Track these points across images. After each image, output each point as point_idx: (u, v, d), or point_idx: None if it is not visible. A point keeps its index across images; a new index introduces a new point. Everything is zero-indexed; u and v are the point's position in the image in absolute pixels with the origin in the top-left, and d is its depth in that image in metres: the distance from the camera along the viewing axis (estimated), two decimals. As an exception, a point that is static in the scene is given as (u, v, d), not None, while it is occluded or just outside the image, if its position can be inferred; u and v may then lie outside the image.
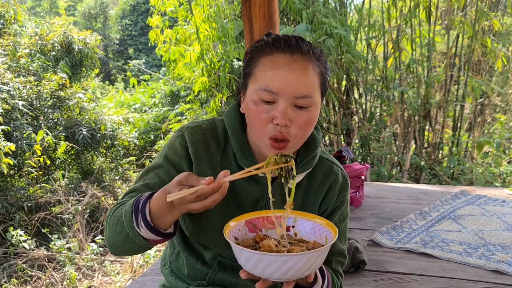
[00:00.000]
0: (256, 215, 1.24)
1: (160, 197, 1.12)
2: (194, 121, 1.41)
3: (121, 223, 1.19)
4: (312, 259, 1.02)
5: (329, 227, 1.19)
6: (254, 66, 1.23)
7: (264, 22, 3.09)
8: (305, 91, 1.18)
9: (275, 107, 1.18)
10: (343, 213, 1.44)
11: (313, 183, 1.39)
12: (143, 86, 11.77)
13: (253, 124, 1.23)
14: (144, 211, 1.14)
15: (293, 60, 1.18)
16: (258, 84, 1.20)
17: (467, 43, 6.31)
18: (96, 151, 6.97)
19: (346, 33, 6.12)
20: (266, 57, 1.21)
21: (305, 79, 1.19)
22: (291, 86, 1.17)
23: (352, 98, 6.83)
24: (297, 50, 1.20)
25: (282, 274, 1.02)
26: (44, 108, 6.46)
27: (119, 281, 4.69)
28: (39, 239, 5.25)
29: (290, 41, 1.21)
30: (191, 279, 1.44)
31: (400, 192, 3.92)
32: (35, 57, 6.96)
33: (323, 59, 1.26)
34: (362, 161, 6.58)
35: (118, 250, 1.25)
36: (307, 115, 1.21)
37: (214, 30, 6.80)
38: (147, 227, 1.14)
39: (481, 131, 6.75)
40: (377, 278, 2.38)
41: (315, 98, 1.22)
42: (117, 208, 1.27)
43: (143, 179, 1.33)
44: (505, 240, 2.76)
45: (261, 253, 1.01)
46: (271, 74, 1.18)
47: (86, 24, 20.04)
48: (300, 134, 1.22)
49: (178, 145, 1.33)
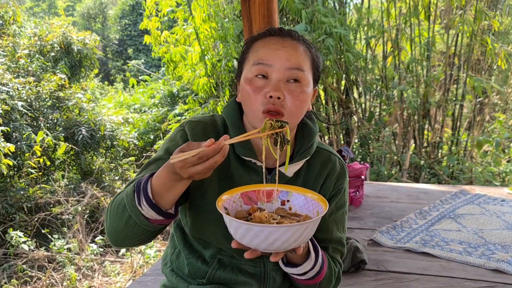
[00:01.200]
0: (252, 188, 1.27)
1: (162, 172, 1.14)
2: (194, 116, 1.44)
3: (123, 205, 1.20)
4: (299, 231, 1.04)
5: (320, 202, 1.21)
6: (247, 52, 1.32)
7: (264, 22, 3.09)
8: (296, 63, 1.25)
9: (268, 82, 1.24)
10: (340, 201, 1.46)
11: (311, 173, 1.41)
12: (142, 86, 11.77)
13: (247, 102, 1.27)
14: (146, 187, 1.15)
15: (283, 40, 1.28)
16: (251, 61, 1.27)
17: (467, 42, 6.32)
18: (96, 151, 6.97)
19: (346, 33, 6.12)
20: (259, 41, 1.30)
21: (295, 53, 1.26)
22: (283, 58, 1.24)
23: (351, 97, 6.83)
24: (287, 36, 1.29)
25: (269, 245, 1.05)
26: (44, 108, 6.46)
27: (119, 282, 4.69)
28: (39, 240, 5.25)
29: (281, 29, 1.31)
30: (192, 278, 1.45)
31: (400, 192, 3.93)
32: (34, 57, 6.96)
33: (314, 48, 1.35)
34: (361, 160, 6.58)
35: (119, 237, 1.25)
36: (300, 89, 1.25)
37: (214, 30, 6.80)
38: (148, 204, 1.15)
39: (481, 130, 6.75)
40: (378, 277, 2.38)
41: (307, 75, 1.28)
42: (118, 195, 1.28)
43: (145, 171, 1.35)
44: (505, 239, 2.77)
45: (248, 223, 1.04)
46: (263, 50, 1.26)
47: (85, 25, 20.03)
48: (293, 109, 1.24)
49: (179, 138, 1.35)
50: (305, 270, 1.29)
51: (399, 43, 6.41)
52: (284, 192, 1.28)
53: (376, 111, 7.06)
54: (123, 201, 1.20)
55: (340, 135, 6.90)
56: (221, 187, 1.31)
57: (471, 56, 6.35)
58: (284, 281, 1.45)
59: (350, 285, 2.29)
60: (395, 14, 6.39)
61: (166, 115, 9.17)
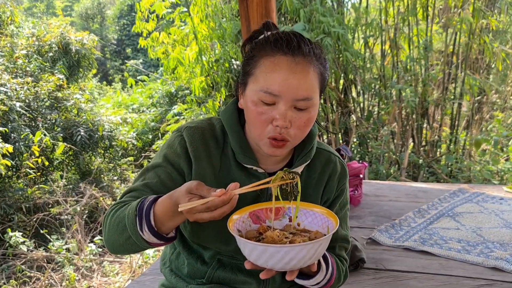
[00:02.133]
0: (259, 207, 1.27)
1: (166, 203, 1.14)
2: (192, 121, 1.41)
3: (123, 224, 1.21)
4: (313, 249, 1.06)
5: (329, 216, 1.22)
6: (254, 66, 1.22)
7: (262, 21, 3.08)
8: (306, 93, 1.18)
9: (275, 109, 1.19)
10: (343, 201, 1.46)
11: (312, 175, 1.41)
12: (141, 86, 11.76)
13: (252, 124, 1.24)
14: (149, 215, 1.16)
15: (294, 63, 1.17)
16: (259, 85, 1.19)
17: (465, 41, 6.32)
18: (94, 151, 6.97)
19: (344, 32, 6.12)
20: (267, 58, 1.19)
21: (305, 82, 1.18)
22: (292, 89, 1.17)
23: (350, 96, 6.83)
24: (298, 52, 1.18)
25: (285, 264, 1.05)
26: (42, 109, 6.45)
27: (118, 282, 4.69)
28: (38, 240, 5.25)
29: (291, 42, 1.19)
30: (191, 278, 1.44)
31: (399, 191, 3.93)
32: (32, 58, 6.95)
33: (323, 57, 1.26)
34: (360, 159, 6.58)
35: (117, 249, 1.28)
36: (307, 116, 1.22)
37: (212, 30, 6.79)
38: (150, 232, 1.16)
39: (479, 129, 6.76)
40: (376, 276, 2.38)
41: (315, 99, 1.22)
42: (118, 208, 1.28)
43: (142, 178, 1.34)
44: (503, 237, 2.77)
45: (263, 244, 1.05)
46: (272, 76, 1.17)
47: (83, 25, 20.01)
48: (299, 134, 1.24)
49: (178, 145, 1.33)
50: (317, 281, 1.30)
51: (397, 42, 6.41)
52: (290, 208, 1.28)
53: (374, 110, 7.06)
54: (123, 220, 1.21)
55: (338, 135, 6.90)
56: None
57: (469, 55, 6.36)
58: (283, 281, 1.45)
59: (349, 284, 2.29)
60: (393, 13, 6.39)
61: (165, 115, 9.17)
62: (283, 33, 1.22)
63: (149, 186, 1.31)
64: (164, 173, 1.31)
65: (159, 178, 1.31)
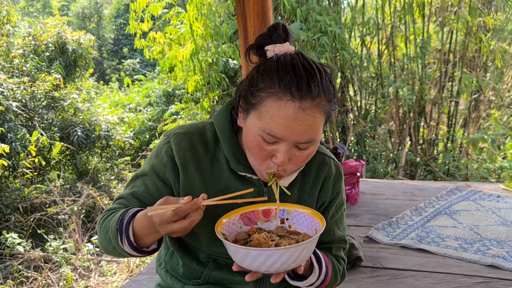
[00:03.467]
0: (251, 209, 1.27)
1: (141, 220, 1.17)
2: (183, 124, 1.39)
3: (109, 236, 1.24)
4: (297, 252, 1.06)
5: (317, 218, 1.22)
6: (259, 102, 1.15)
7: (258, 20, 3.08)
8: (309, 137, 1.16)
9: (276, 146, 1.16)
10: (339, 203, 1.45)
11: (307, 179, 1.39)
12: (137, 85, 11.74)
13: (252, 154, 1.22)
14: (128, 231, 1.18)
15: (302, 110, 1.11)
16: (262, 124, 1.14)
17: (461, 39, 6.33)
18: (91, 151, 6.96)
19: (341, 31, 6.13)
20: (275, 100, 1.11)
21: (311, 128, 1.14)
22: (296, 134, 1.13)
23: (347, 95, 6.84)
24: (307, 96, 1.11)
25: (269, 267, 1.06)
26: (39, 109, 6.44)
27: (115, 281, 4.68)
28: (35, 240, 5.24)
29: (301, 83, 1.11)
30: (187, 278, 1.43)
31: (396, 189, 3.93)
32: (28, 57, 6.93)
33: (332, 91, 1.18)
34: (357, 158, 6.59)
35: (110, 254, 1.33)
36: (307, 153, 1.20)
37: (207, 29, 6.79)
38: (130, 246, 1.19)
39: (476, 127, 6.77)
40: (374, 274, 2.38)
41: (318, 138, 1.19)
42: (107, 216, 1.31)
43: (131, 185, 1.35)
44: (500, 235, 2.77)
45: (246, 248, 1.06)
46: (277, 121, 1.12)
47: (79, 24, 19.95)
48: (295, 168, 1.23)
49: (164, 154, 1.31)
50: (311, 282, 1.30)
51: (394, 40, 6.42)
52: (282, 210, 1.29)
53: (371, 109, 7.07)
54: (108, 232, 1.24)
55: (336, 133, 6.91)
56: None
57: (466, 53, 6.37)
58: (280, 281, 1.44)
59: (346, 282, 2.29)
60: (389, 11, 6.40)
61: (162, 115, 9.16)
62: (292, 68, 1.13)
63: (136, 196, 1.32)
64: (150, 183, 1.31)
65: (146, 187, 1.31)
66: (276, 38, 1.21)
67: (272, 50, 1.19)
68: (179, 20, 7.24)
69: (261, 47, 1.23)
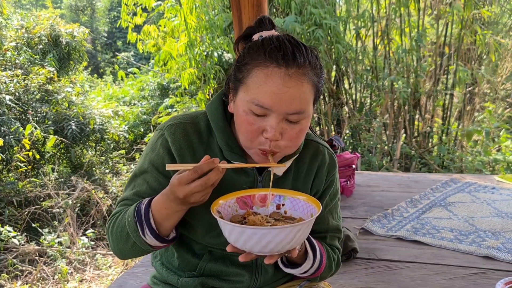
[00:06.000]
0: (247, 193, 1.27)
1: (160, 199, 1.18)
2: (176, 115, 1.38)
3: (126, 232, 1.23)
4: (292, 233, 1.05)
5: (313, 203, 1.22)
6: (247, 75, 1.17)
7: (253, 12, 3.06)
8: (298, 107, 1.15)
9: (266, 120, 1.16)
10: (333, 191, 1.44)
11: (301, 168, 1.38)
12: (131, 79, 11.69)
13: (242, 132, 1.21)
14: (149, 218, 1.19)
15: (288, 76, 1.12)
16: (250, 96, 1.15)
17: (457, 32, 6.33)
18: (86, 144, 6.93)
19: (336, 24, 6.11)
20: (261, 69, 1.14)
21: (299, 96, 1.14)
22: (284, 103, 1.13)
23: (342, 88, 6.83)
24: (293, 64, 1.13)
25: (263, 247, 1.06)
26: (32, 102, 6.39)
27: (111, 274, 4.68)
28: (30, 234, 5.22)
29: (286, 53, 1.13)
30: (182, 271, 1.43)
31: (391, 181, 3.94)
32: (21, 50, 6.87)
33: (319, 66, 1.20)
34: (352, 150, 6.60)
35: (127, 256, 1.32)
36: (298, 128, 1.19)
37: (201, 22, 6.76)
38: (152, 235, 1.19)
39: (471, 120, 6.79)
40: (369, 266, 2.39)
41: (307, 112, 1.19)
42: (116, 218, 1.29)
43: (132, 185, 1.34)
44: (495, 226, 2.78)
45: (241, 226, 1.06)
46: (264, 89, 1.12)
47: (73, 17, 19.81)
48: (289, 145, 1.21)
49: (160, 147, 1.30)
50: (305, 270, 1.30)
51: (389, 33, 6.41)
52: (279, 196, 1.28)
53: (366, 102, 7.08)
54: (125, 228, 1.23)
55: (331, 126, 6.91)
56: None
57: (461, 46, 6.37)
58: (276, 273, 1.44)
59: (341, 274, 2.29)
60: (385, 4, 6.38)
61: (156, 108, 9.13)
62: (277, 41, 1.16)
63: (139, 195, 1.30)
64: (151, 179, 1.30)
65: (148, 184, 1.30)
66: (263, 28, 1.27)
67: (258, 35, 1.24)
68: (172, 13, 7.21)
69: (249, 37, 1.27)
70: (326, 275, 1.42)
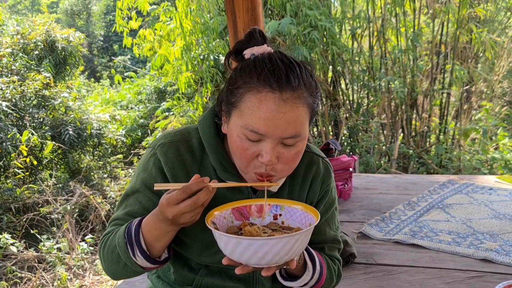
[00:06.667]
0: (243, 203, 1.25)
1: (150, 220, 1.15)
2: (167, 133, 1.35)
3: (117, 253, 1.21)
4: (290, 244, 1.02)
5: (311, 212, 1.20)
6: (239, 99, 1.13)
7: (248, 16, 3.06)
8: (293, 131, 1.12)
9: (261, 145, 1.13)
10: (328, 202, 1.42)
11: (296, 180, 1.37)
12: (128, 83, 11.68)
13: (237, 157, 1.19)
14: (139, 239, 1.16)
15: (282, 101, 1.08)
16: (244, 121, 1.12)
17: (452, 31, 6.34)
18: (83, 150, 6.92)
19: (331, 25, 6.11)
20: (254, 94, 1.10)
21: (294, 121, 1.11)
22: (279, 128, 1.10)
23: (339, 89, 6.83)
24: (287, 87, 1.09)
25: (260, 259, 1.03)
26: (29, 108, 6.38)
27: (110, 280, 4.67)
28: (28, 241, 5.21)
29: (280, 76, 1.09)
30: (179, 285, 1.42)
31: (389, 183, 3.93)
32: (17, 56, 6.86)
33: (314, 85, 1.17)
34: (350, 152, 6.60)
35: (119, 276, 1.30)
36: (295, 150, 1.17)
37: (197, 25, 6.75)
38: (143, 256, 1.17)
39: (468, 118, 6.79)
40: (367, 271, 2.38)
41: (304, 133, 1.16)
42: (108, 239, 1.27)
43: (124, 205, 1.31)
44: (493, 228, 2.78)
45: (237, 237, 1.03)
46: (258, 115, 1.09)
47: (69, 21, 19.79)
48: (286, 169, 1.19)
49: (152, 167, 1.28)
50: (305, 282, 1.28)
51: (385, 33, 6.41)
52: (276, 206, 1.26)
53: (364, 103, 7.08)
54: (116, 250, 1.21)
55: (329, 127, 6.91)
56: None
57: (457, 45, 6.37)
58: (273, 286, 1.43)
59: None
60: (380, 4, 6.38)
61: (154, 112, 9.12)
62: (270, 62, 1.12)
63: (131, 214, 1.28)
64: (144, 199, 1.28)
65: (141, 204, 1.28)
66: (254, 42, 1.21)
67: (250, 52, 1.19)
68: (168, 16, 7.20)
69: (240, 53, 1.22)
70: (327, 287, 1.40)
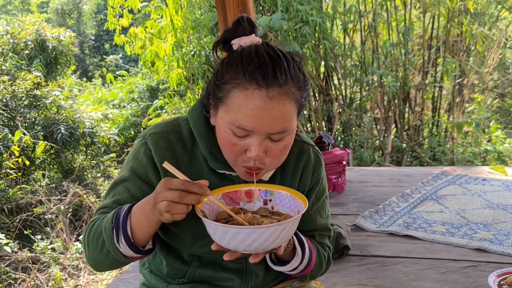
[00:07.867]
0: (233, 189, 1.25)
1: (139, 204, 1.14)
2: (157, 124, 1.34)
3: (102, 239, 1.19)
4: (277, 232, 1.04)
5: (300, 199, 1.20)
6: (226, 95, 1.12)
7: (238, 11, 3.05)
8: (280, 127, 1.12)
9: (248, 140, 1.13)
10: (319, 191, 1.42)
11: (287, 169, 1.36)
12: (120, 81, 11.64)
13: (225, 151, 1.19)
14: (126, 225, 1.14)
15: (269, 98, 1.08)
16: (231, 117, 1.12)
17: (443, 24, 6.35)
18: (76, 149, 6.88)
19: (322, 20, 6.11)
20: (240, 90, 1.09)
21: (281, 117, 1.11)
22: (266, 125, 1.10)
23: (331, 84, 6.83)
24: (274, 84, 1.08)
25: (247, 246, 1.04)
26: (20, 108, 6.34)
27: (105, 279, 4.66)
28: (22, 241, 5.18)
29: (266, 72, 1.08)
30: (171, 278, 1.41)
31: (382, 176, 3.94)
32: (7, 56, 6.81)
33: (301, 77, 1.16)
34: (344, 146, 6.61)
35: (101, 267, 1.26)
36: (283, 144, 1.17)
37: (188, 21, 6.73)
38: (126, 243, 1.15)
39: (461, 111, 6.81)
40: (362, 262, 2.38)
41: (291, 128, 1.16)
42: (93, 225, 1.25)
43: (112, 193, 1.30)
44: (486, 218, 2.79)
45: (225, 225, 1.05)
46: (245, 112, 1.09)
47: (59, 21, 19.67)
48: (274, 162, 1.20)
49: (143, 155, 1.26)
50: (294, 267, 1.28)
51: (376, 28, 6.41)
52: (266, 191, 1.26)
53: (356, 97, 7.08)
54: (102, 235, 1.19)
55: (322, 122, 6.91)
56: None
57: (448, 38, 6.39)
58: (266, 276, 1.43)
59: (334, 272, 2.29)
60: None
61: (146, 110, 9.10)
62: (257, 56, 1.10)
63: (119, 203, 1.26)
64: (133, 187, 1.27)
65: (129, 193, 1.26)
66: (241, 31, 1.19)
67: (238, 43, 1.17)
68: (158, 13, 7.17)
69: (228, 42, 1.21)
70: (316, 273, 1.41)
